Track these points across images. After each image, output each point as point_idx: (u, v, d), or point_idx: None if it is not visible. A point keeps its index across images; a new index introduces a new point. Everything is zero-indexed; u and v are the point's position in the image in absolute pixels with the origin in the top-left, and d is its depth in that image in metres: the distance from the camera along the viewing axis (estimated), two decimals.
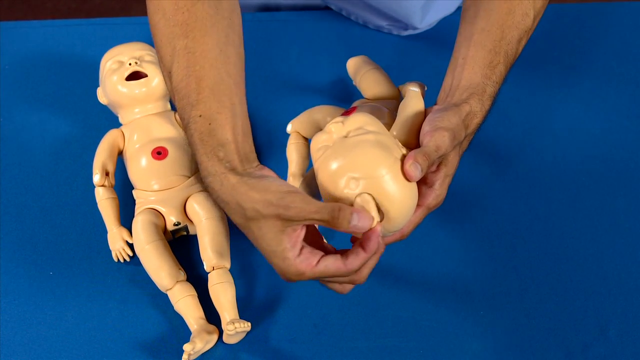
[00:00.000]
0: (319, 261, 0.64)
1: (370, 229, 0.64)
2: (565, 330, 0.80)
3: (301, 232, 0.64)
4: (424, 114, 0.71)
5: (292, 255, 0.63)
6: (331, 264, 0.64)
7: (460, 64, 0.74)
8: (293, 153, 0.82)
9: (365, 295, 0.82)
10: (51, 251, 0.85)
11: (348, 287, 0.69)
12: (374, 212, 0.64)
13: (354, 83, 0.88)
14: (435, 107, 0.71)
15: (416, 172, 0.64)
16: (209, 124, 0.68)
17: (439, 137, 0.66)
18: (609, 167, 0.93)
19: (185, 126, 0.70)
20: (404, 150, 0.67)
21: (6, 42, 1.04)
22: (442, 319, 0.80)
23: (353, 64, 0.88)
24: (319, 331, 0.80)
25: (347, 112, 0.75)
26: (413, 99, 0.73)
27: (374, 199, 0.64)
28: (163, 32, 0.72)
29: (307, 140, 0.82)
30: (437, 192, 0.70)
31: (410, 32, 1.06)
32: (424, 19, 1.04)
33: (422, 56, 1.03)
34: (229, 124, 0.69)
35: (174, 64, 0.71)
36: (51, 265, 0.84)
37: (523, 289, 0.83)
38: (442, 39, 0.79)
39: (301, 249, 0.64)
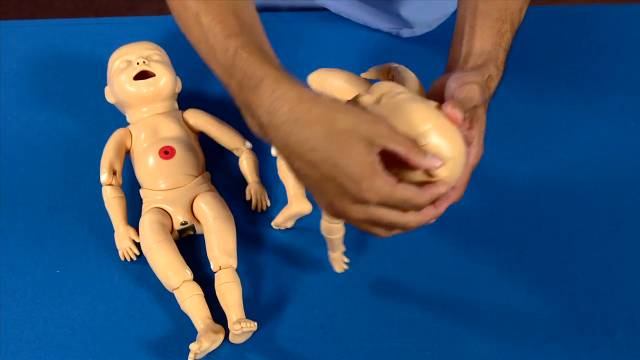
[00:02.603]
0: (399, 181, 0.62)
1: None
2: (571, 332, 0.80)
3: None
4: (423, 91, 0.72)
5: (381, 167, 0.61)
6: (409, 187, 0.62)
7: (469, 33, 0.73)
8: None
9: (372, 297, 0.82)
10: (58, 250, 0.85)
11: (393, 232, 0.67)
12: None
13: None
14: (453, 74, 0.70)
15: (460, 115, 0.64)
16: (261, 52, 0.65)
17: (470, 89, 0.66)
18: (616, 169, 0.93)
19: (232, 54, 0.65)
20: (434, 104, 0.65)
21: (14, 41, 1.04)
22: (447, 320, 0.80)
23: (316, 79, 0.82)
24: (325, 332, 0.80)
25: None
26: (414, 80, 0.73)
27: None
28: None
29: None
30: (477, 149, 0.69)
31: (410, 33, 1.06)
32: (423, 20, 1.04)
33: (423, 58, 1.03)
34: (275, 63, 0.66)
35: (201, 5, 0.68)
36: (58, 263, 0.84)
37: (529, 291, 0.83)
38: (443, 40, 0.79)
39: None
